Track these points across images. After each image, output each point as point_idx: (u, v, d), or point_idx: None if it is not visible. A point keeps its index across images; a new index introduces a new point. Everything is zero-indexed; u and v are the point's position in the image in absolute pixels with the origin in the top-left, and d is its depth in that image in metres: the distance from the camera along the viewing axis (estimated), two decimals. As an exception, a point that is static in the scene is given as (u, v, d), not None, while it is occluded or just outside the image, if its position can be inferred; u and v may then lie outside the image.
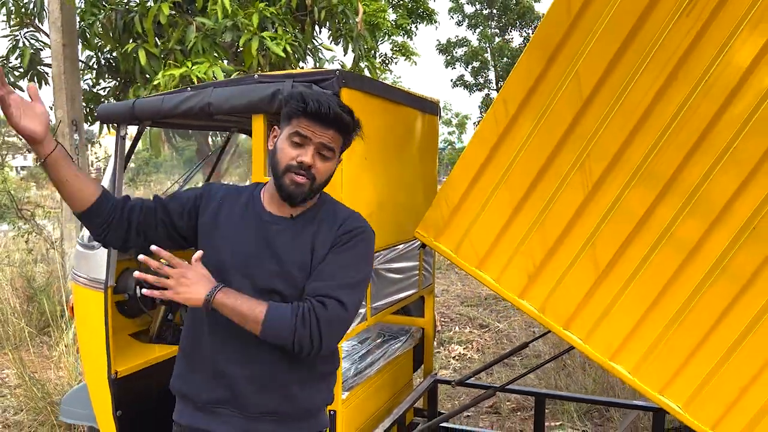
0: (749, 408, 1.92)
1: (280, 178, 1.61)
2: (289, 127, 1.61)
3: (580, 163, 2.03)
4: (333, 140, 1.61)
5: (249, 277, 1.65)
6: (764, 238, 1.86)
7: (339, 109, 1.60)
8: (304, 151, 1.59)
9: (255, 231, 1.68)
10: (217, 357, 1.67)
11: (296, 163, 1.58)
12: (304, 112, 1.57)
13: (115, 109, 2.74)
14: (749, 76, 1.85)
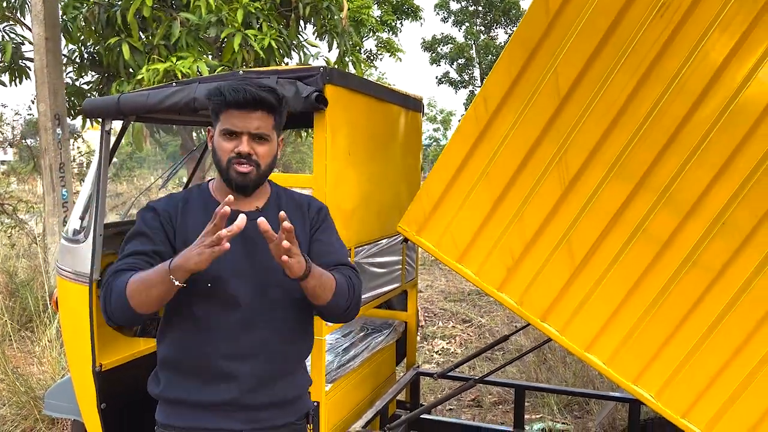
0: (718, 397, 1.99)
1: (226, 173, 1.64)
2: (219, 124, 1.64)
3: (558, 159, 2.08)
4: (262, 123, 1.63)
5: (245, 277, 1.67)
6: (733, 231, 1.93)
7: (258, 91, 1.61)
8: (238, 142, 1.62)
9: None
10: (216, 359, 1.66)
11: (234, 154, 1.62)
12: (225, 104, 1.61)
13: (100, 103, 2.75)
14: (720, 76, 1.92)
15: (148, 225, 1.69)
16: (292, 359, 1.79)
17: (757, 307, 1.93)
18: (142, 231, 1.68)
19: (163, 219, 1.69)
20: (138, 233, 1.69)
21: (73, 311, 2.94)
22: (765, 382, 1.93)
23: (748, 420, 1.96)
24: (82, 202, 3.00)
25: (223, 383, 1.67)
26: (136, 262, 1.61)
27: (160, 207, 1.72)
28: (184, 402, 1.70)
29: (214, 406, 1.68)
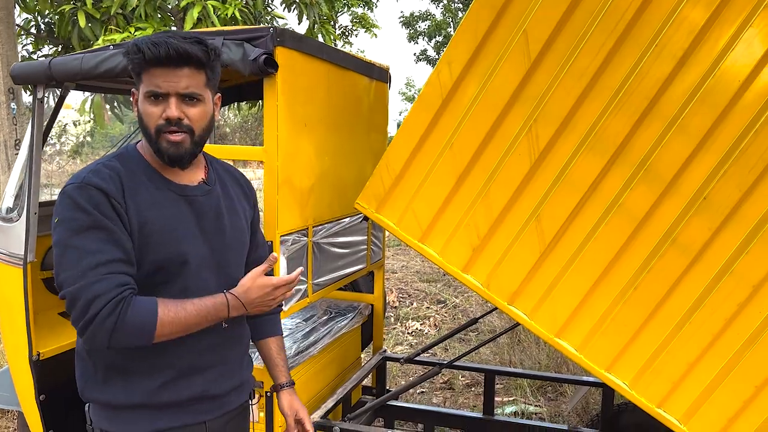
0: (697, 386, 1.86)
1: (156, 143, 1.45)
2: (143, 85, 1.43)
3: (527, 129, 1.91)
4: (192, 80, 1.42)
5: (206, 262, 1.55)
6: (716, 208, 1.79)
7: (182, 43, 1.40)
8: (165, 105, 1.41)
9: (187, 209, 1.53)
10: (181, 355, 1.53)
11: (163, 121, 1.42)
12: (145, 61, 1.39)
13: (29, 68, 2.51)
14: (701, 40, 1.76)
15: (99, 211, 1.38)
16: (246, 340, 1.76)
17: (739, 290, 1.79)
18: (96, 224, 1.37)
19: (115, 199, 1.41)
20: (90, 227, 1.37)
21: (8, 295, 2.72)
22: (745, 371, 1.80)
23: (728, 410, 1.83)
24: (15, 179, 2.76)
25: (189, 379, 1.55)
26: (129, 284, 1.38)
27: (103, 185, 1.41)
28: (143, 405, 1.51)
29: (179, 403, 1.54)
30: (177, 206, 1.51)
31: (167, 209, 1.49)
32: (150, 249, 1.44)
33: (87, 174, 1.43)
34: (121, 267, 1.37)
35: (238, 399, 1.70)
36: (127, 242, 1.40)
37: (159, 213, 1.47)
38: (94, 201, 1.38)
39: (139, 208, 1.44)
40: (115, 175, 1.44)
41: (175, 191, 1.52)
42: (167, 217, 1.48)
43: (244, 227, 1.69)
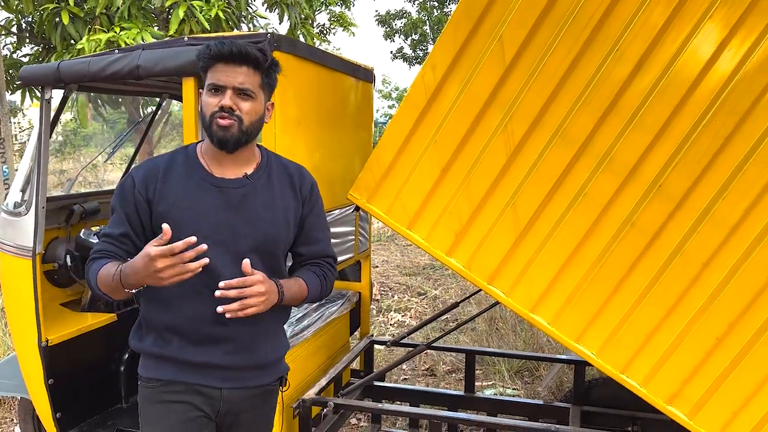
0: (655, 352, 2.09)
1: (209, 128, 1.65)
2: (207, 81, 1.65)
3: (503, 126, 2.12)
4: (248, 78, 1.63)
5: (224, 245, 1.68)
6: (668, 195, 2.02)
7: (244, 44, 1.62)
8: (222, 96, 1.62)
9: (216, 198, 1.70)
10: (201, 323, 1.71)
11: (217, 108, 1.62)
12: (211, 58, 1.61)
13: (39, 71, 2.66)
14: (656, 46, 1.98)
15: (122, 197, 1.71)
16: (273, 323, 1.84)
17: (690, 267, 2.02)
18: (114, 205, 1.73)
19: (139, 188, 1.69)
20: (113, 207, 1.74)
21: (17, 286, 2.87)
22: (698, 338, 2.04)
23: (682, 373, 2.07)
24: (23, 175, 2.91)
25: (206, 346, 1.72)
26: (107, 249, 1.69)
27: (138, 175, 1.71)
28: (167, 358, 1.74)
29: (197, 365, 1.73)
30: (207, 195, 1.70)
31: (195, 197, 1.69)
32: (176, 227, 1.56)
33: (138, 165, 1.78)
34: (111, 239, 1.70)
35: (259, 379, 1.82)
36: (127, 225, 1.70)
37: (186, 200, 1.68)
38: (125, 188, 1.72)
39: (168, 195, 1.68)
40: (153, 167, 1.73)
41: (208, 181, 1.71)
42: (193, 204, 1.68)
43: (278, 223, 1.77)
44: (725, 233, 1.98)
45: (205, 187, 1.70)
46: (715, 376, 2.04)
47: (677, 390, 2.08)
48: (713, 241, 2.00)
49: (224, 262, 1.68)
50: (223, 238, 1.69)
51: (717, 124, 1.96)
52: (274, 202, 1.77)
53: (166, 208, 1.67)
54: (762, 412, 2.00)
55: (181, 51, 2.38)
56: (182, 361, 1.73)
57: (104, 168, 11.83)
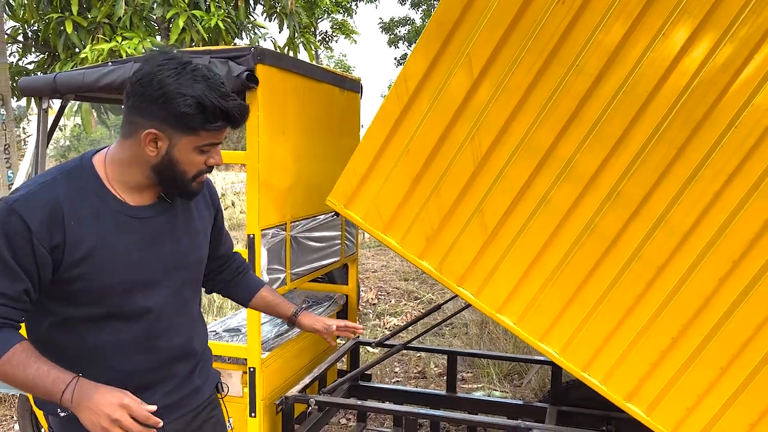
0: (613, 352, 2.20)
1: (188, 185, 1.48)
2: (195, 138, 1.41)
3: (471, 138, 2.24)
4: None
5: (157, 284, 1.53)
6: (626, 201, 2.13)
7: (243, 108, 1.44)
8: (212, 154, 1.47)
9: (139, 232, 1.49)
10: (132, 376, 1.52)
11: (206, 167, 1.48)
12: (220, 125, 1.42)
13: (36, 82, 2.80)
14: (614, 60, 2.10)
15: (13, 245, 1.34)
16: (201, 350, 1.72)
17: (646, 271, 2.13)
18: (3, 257, 1.34)
19: (38, 235, 1.35)
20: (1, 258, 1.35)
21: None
22: (653, 338, 2.15)
23: (639, 372, 2.18)
24: (22, 180, 3.04)
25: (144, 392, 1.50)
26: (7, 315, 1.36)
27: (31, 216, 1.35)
28: None
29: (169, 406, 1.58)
30: (129, 230, 1.47)
31: (118, 236, 1.45)
32: (98, 275, 1.42)
33: (21, 197, 1.38)
34: (8, 300, 1.35)
35: (197, 399, 1.69)
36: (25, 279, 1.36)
37: (107, 242, 1.43)
38: (12, 230, 1.34)
39: (83, 239, 1.40)
40: (52, 202, 1.38)
41: (128, 213, 1.47)
42: (117, 245, 1.45)
43: (202, 243, 1.68)
44: (679, 239, 2.09)
45: (123, 221, 1.46)
46: (671, 375, 2.14)
47: (635, 388, 2.19)
48: (668, 246, 2.10)
49: (160, 301, 1.53)
50: (155, 277, 1.52)
51: (671, 135, 2.07)
52: (195, 222, 1.63)
53: (83, 256, 1.39)
54: (714, 408, 2.10)
55: (170, 64, 2.51)
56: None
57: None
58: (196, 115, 1.36)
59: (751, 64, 1.97)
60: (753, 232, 2.01)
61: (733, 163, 2.01)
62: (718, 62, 2.00)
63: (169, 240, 1.54)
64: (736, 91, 1.99)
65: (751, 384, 2.06)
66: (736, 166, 2.01)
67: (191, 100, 1.35)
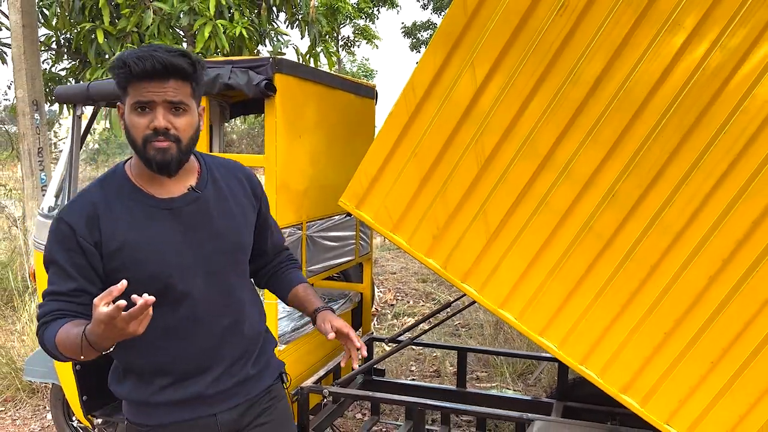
0: (609, 346, 2.30)
1: (143, 153, 1.48)
2: (129, 97, 1.45)
3: (475, 141, 2.37)
4: (178, 91, 1.45)
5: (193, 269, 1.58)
6: (622, 202, 2.24)
7: (168, 56, 1.42)
8: (152, 116, 1.44)
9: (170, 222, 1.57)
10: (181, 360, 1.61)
11: (152, 131, 1.45)
12: (132, 75, 1.41)
13: (71, 91, 3.00)
14: (610, 68, 2.21)
15: (64, 248, 1.50)
16: (255, 335, 1.75)
17: (640, 269, 2.24)
18: (54, 259, 1.51)
19: (81, 234, 1.49)
20: (52, 261, 1.52)
21: (49, 281, 3.20)
22: (647, 333, 2.25)
23: (634, 365, 2.28)
24: (57, 182, 3.25)
25: (191, 379, 1.62)
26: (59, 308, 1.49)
27: (74, 220, 1.50)
28: (150, 403, 1.63)
29: (185, 401, 1.63)
30: (160, 222, 1.55)
31: (149, 228, 1.54)
32: (135, 264, 1.51)
33: (67, 207, 1.56)
34: (59, 297, 1.49)
35: (250, 391, 1.72)
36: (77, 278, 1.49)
37: (140, 233, 1.53)
38: (62, 236, 1.50)
39: (117, 232, 1.51)
40: (89, 206, 1.52)
41: (158, 206, 1.55)
42: (149, 236, 1.54)
43: (240, 227, 1.70)
44: (672, 238, 2.20)
45: (153, 213, 1.55)
46: (664, 368, 2.24)
47: (630, 380, 2.29)
48: (661, 245, 2.21)
49: (199, 286, 1.59)
50: (191, 262, 1.58)
51: (664, 139, 2.18)
52: (231, 208, 1.67)
53: (118, 246, 1.51)
54: (705, 400, 2.20)
55: (194, 73, 2.68)
56: (168, 402, 1.62)
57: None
58: (117, 69, 1.43)
59: (739, 73, 2.07)
60: (742, 232, 2.11)
61: (722, 166, 2.11)
62: (708, 70, 2.10)
63: (202, 227, 1.59)
64: (725, 98, 2.09)
65: (741, 377, 2.15)
66: (726, 168, 2.11)
67: (116, 58, 1.45)
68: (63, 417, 3.76)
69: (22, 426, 4.36)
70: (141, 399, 1.63)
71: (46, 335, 1.48)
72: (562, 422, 2.65)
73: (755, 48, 2.05)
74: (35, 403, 4.65)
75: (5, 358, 4.81)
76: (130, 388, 1.64)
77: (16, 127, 8.90)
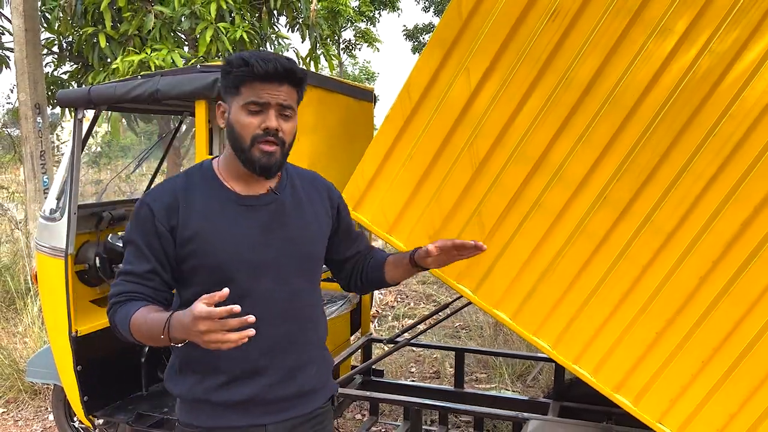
0: (602, 346, 2.34)
1: (248, 152, 1.52)
2: (241, 97, 1.50)
3: (469, 144, 2.41)
4: (289, 96, 1.52)
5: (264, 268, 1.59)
6: (613, 203, 2.28)
7: (286, 61, 1.50)
8: (266, 117, 1.50)
9: (247, 218, 1.59)
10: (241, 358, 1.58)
11: (262, 131, 1.50)
12: (252, 75, 1.47)
13: (73, 94, 3.05)
14: (602, 72, 2.25)
15: (142, 229, 1.56)
16: (316, 346, 1.73)
17: (632, 269, 2.27)
18: (133, 239, 1.57)
19: (159, 217, 1.54)
20: (131, 241, 1.58)
21: (51, 283, 3.24)
22: (639, 333, 2.29)
23: (626, 364, 2.31)
24: (58, 184, 3.29)
25: (247, 380, 1.59)
26: (134, 290, 1.53)
27: (155, 203, 1.56)
28: (206, 401, 1.61)
29: (239, 403, 1.60)
30: (237, 216, 1.58)
31: (225, 219, 1.57)
32: (205, 254, 1.54)
33: (151, 191, 1.61)
34: (134, 279, 1.54)
35: (306, 406, 1.68)
36: (152, 260, 1.54)
37: (214, 224, 1.56)
38: (142, 219, 1.56)
39: (193, 220, 1.55)
40: (170, 192, 1.58)
41: (237, 201, 1.59)
42: (223, 227, 1.56)
43: (315, 237, 1.71)
44: (663, 239, 2.23)
45: (232, 207, 1.59)
46: (656, 368, 2.28)
47: (623, 379, 2.33)
48: (653, 246, 2.25)
49: (267, 285, 1.59)
50: (262, 259, 1.58)
51: (654, 143, 2.22)
52: (306, 216, 1.69)
53: (192, 234, 1.54)
54: (697, 399, 2.23)
55: (194, 77, 2.73)
56: (221, 402, 1.60)
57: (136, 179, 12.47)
58: (231, 71, 1.49)
59: (728, 77, 2.11)
60: (731, 234, 2.15)
61: (711, 169, 2.15)
62: (697, 75, 2.14)
63: (278, 228, 1.61)
64: (714, 102, 2.13)
65: (731, 376, 2.19)
66: (715, 171, 2.14)
67: (232, 58, 1.49)
68: (64, 418, 3.81)
69: (24, 427, 4.40)
70: (195, 396, 1.61)
71: (118, 315, 1.51)
72: (556, 421, 2.68)
73: (743, 52, 2.09)
74: (37, 405, 4.69)
75: (8, 360, 4.85)
76: (186, 385, 1.63)
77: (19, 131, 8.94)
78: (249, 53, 1.49)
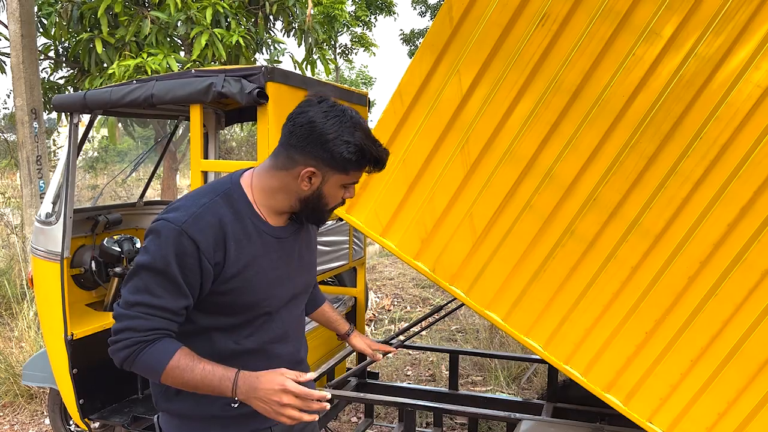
0: (592, 346, 2.37)
1: (325, 215, 1.68)
2: (345, 177, 1.59)
3: (461, 147, 2.44)
4: None
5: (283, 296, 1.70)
6: (602, 206, 2.31)
7: (387, 153, 1.67)
8: (349, 189, 1.66)
9: (277, 251, 1.67)
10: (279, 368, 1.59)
11: (341, 201, 1.68)
12: (363, 167, 1.61)
13: (68, 99, 3.07)
14: (590, 77, 2.29)
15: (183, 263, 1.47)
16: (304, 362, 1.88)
17: (621, 270, 2.30)
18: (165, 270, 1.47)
19: (206, 253, 1.49)
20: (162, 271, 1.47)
21: (47, 286, 3.26)
22: (629, 333, 2.32)
23: (616, 364, 2.34)
24: (54, 189, 3.31)
25: None
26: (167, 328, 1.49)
27: (201, 237, 1.48)
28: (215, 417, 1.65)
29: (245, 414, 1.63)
30: (271, 249, 1.64)
31: (264, 254, 1.62)
32: (245, 291, 1.59)
33: (189, 218, 1.50)
34: (167, 315, 1.49)
35: None
36: (188, 296, 1.50)
37: (256, 261, 1.60)
38: (182, 250, 1.46)
39: (241, 254, 1.56)
40: (216, 223, 1.53)
41: (271, 234, 1.64)
42: (263, 266, 1.62)
43: (315, 261, 1.87)
44: (651, 241, 2.26)
45: (267, 241, 1.64)
46: (645, 367, 2.31)
47: (613, 379, 2.35)
48: (641, 248, 2.28)
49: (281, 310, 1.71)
50: (288, 292, 1.71)
51: (642, 146, 2.25)
52: (311, 243, 1.83)
53: (236, 272, 1.56)
54: (686, 398, 2.26)
55: (188, 82, 2.76)
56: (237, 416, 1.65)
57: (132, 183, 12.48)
58: (355, 161, 1.55)
59: (713, 81, 2.14)
60: (718, 235, 2.18)
61: (698, 172, 2.18)
62: (684, 79, 2.17)
63: (296, 258, 1.72)
64: (700, 106, 2.16)
65: (720, 375, 2.21)
66: (702, 174, 2.18)
67: (354, 147, 1.53)
68: (60, 421, 3.82)
69: (20, 431, 4.41)
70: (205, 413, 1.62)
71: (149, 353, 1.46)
72: (548, 422, 2.70)
73: (729, 56, 2.12)
74: (33, 408, 4.69)
75: (3, 364, 4.86)
76: (192, 403, 1.62)
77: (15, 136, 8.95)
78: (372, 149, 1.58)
